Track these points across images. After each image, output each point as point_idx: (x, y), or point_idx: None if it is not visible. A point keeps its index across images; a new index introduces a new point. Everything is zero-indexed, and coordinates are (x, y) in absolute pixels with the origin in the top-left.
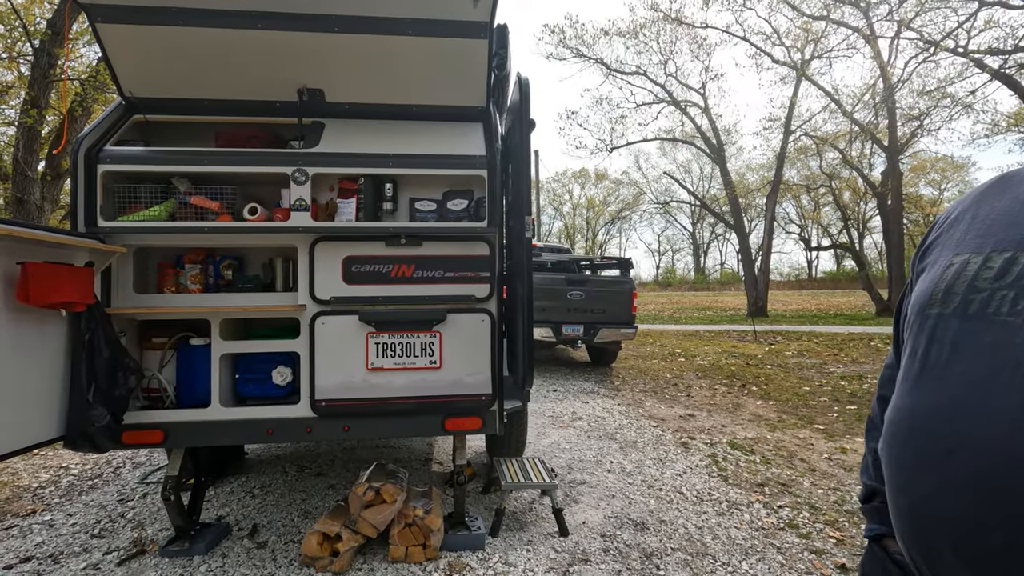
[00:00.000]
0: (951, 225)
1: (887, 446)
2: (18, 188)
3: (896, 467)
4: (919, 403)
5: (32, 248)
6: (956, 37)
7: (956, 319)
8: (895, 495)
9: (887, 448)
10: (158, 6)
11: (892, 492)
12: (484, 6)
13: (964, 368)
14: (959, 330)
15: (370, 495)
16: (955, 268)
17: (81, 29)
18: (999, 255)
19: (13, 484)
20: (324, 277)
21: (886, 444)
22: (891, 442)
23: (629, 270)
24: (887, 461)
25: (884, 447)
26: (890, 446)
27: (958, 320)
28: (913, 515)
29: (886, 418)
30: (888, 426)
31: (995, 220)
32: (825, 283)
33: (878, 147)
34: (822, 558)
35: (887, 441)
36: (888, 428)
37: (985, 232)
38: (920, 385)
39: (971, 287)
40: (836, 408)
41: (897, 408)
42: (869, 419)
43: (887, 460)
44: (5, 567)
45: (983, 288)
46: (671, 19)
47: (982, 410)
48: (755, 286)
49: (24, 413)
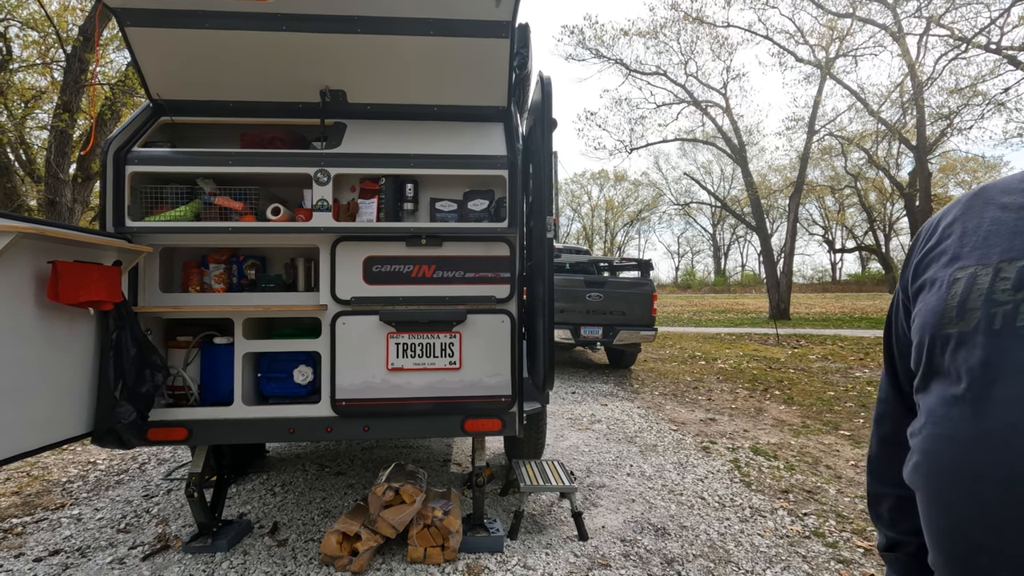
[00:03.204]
0: (939, 241)
1: (926, 482)
2: (50, 190)
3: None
4: (962, 432)
5: (62, 247)
6: (988, 33)
7: (981, 335)
8: (944, 538)
9: (927, 484)
10: (185, 9)
11: (939, 535)
12: (506, 6)
13: (1006, 390)
14: (988, 348)
15: (389, 495)
16: (963, 281)
17: (111, 35)
18: (1011, 264)
19: (43, 478)
20: (345, 277)
21: (924, 480)
22: (932, 477)
23: (649, 272)
24: (928, 498)
25: (923, 483)
26: (930, 481)
27: (983, 337)
28: (971, 562)
29: (918, 450)
30: (924, 458)
31: (991, 230)
32: (850, 286)
33: (906, 147)
34: (849, 568)
35: (925, 477)
36: (924, 461)
37: (983, 243)
38: (960, 413)
39: (989, 300)
40: (863, 414)
41: (932, 437)
42: (870, 460)
43: (928, 497)
44: (35, 559)
45: (1004, 300)
46: (692, 18)
47: None
48: (777, 288)
49: (55, 409)
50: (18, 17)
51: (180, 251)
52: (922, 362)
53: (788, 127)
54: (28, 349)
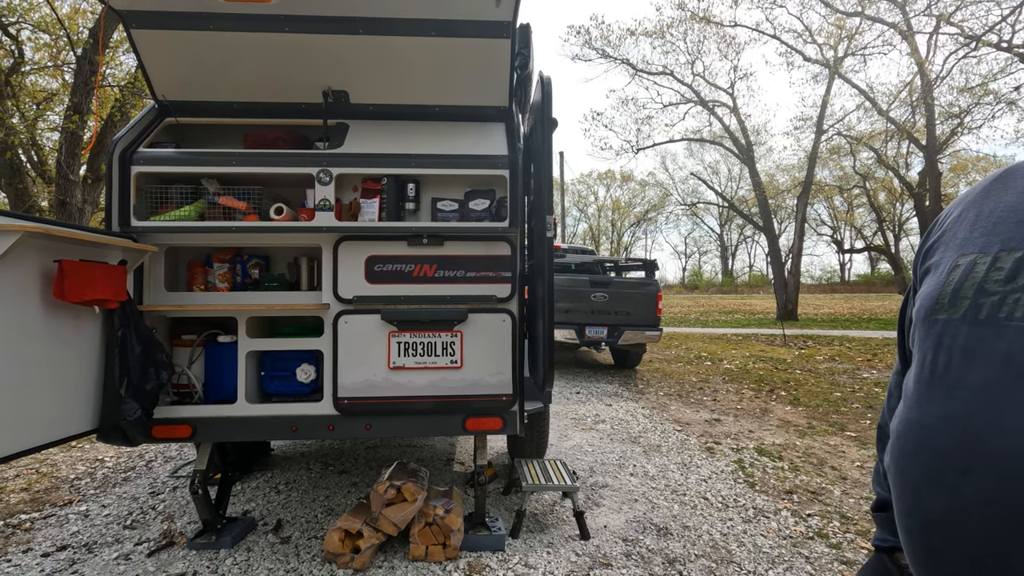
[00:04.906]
0: (954, 223)
1: (894, 461)
2: (61, 191)
3: (905, 484)
4: (928, 415)
5: (68, 246)
6: (999, 31)
7: (966, 324)
8: (904, 514)
9: (894, 463)
10: (189, 11)
11: (901, 511)
12: (507, 6)
13: (977, 377)
14: (969, 336)
15: (391, 493)
16: (962, 269)
17: (121, 37)
18: (1009, 254)
19: (52, 475)
20: (347, 276)
21: (893, 459)
22: (898, 457)
23: (654, 272)
24: (894, 477)
25: (891, 462)
26: (897, 461)
27: (968, 326)
28: (926, 538)
29: (892, 430)
30: (895, 439)
31: (1001, 217)
32: (859, 287)
33: (915, 146)
34: (853, 569)
35: (893, 456)
36: (895, 441)
37: (991, 230)
38: (929, 396)
39: (980, 290)
40: (870, 415)
41: (904, 420)
42: (879, 427)
43: (894, 476)
44: (43, 555)
45: (993, 291)
46: (699, 18)
47: (999, 424)
48: (785, 289)
49: (61, 406)
50: (30, 20)
51: (185, 250)
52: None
53: (796, 127)
54: (34, 346)
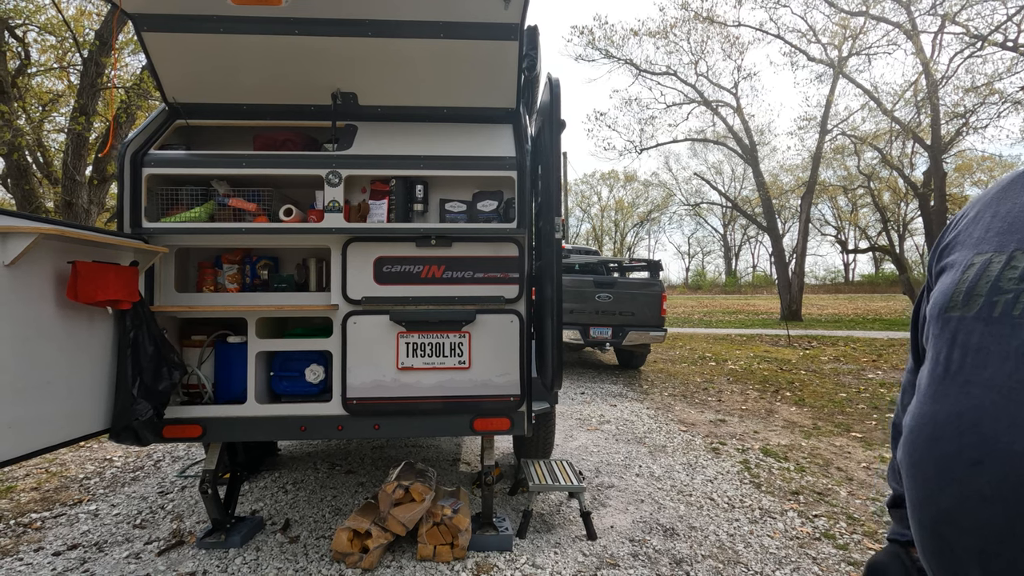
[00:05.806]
0: (971, 222)
1: (907, 455)
2: (67, 192)
3: (917, 478)
4: (941, 410)
5: (81, 248)
6: (1005, 30)
7: (980, 323)
8: (916, 508)
9: (907, 457)
10: (200, 14)
11: (913, 504)
12: (515, 8)
13: (991, 374)
14: (984, 334)
15: (399, 493)
16: (977, 268)
17: (127, 39)
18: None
19: (62, 474)
20: (356, 277)
21: (905, 453)
22: (911, 451)
23: (658, 272)
24: (907, 471)
25: (904, 456)
26: (910, 455)
27: (982, 324)
28: (936, 531)
29: (905, 425)
30: (908, 434)
31: (1018, 217)
32: (863, 287)
33: (920, 146)
34: (860, 570)
35: (906, 450)
36: (908, 436)
37: (1007, 229)
38: (943, 392)
39: (995, 288)
40: (875, 416)
41: (917, 415)
42: (893, 425)
43: (907, 469)
44: (54, 553)
45: (1008, 289)
46: (703, 18)
47: (1012, 419)
48: (789, 289)
49: (74, 406)
50: (36, 22)
51: (195, 251)
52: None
53: (800, 127)
54: (48, 347)
